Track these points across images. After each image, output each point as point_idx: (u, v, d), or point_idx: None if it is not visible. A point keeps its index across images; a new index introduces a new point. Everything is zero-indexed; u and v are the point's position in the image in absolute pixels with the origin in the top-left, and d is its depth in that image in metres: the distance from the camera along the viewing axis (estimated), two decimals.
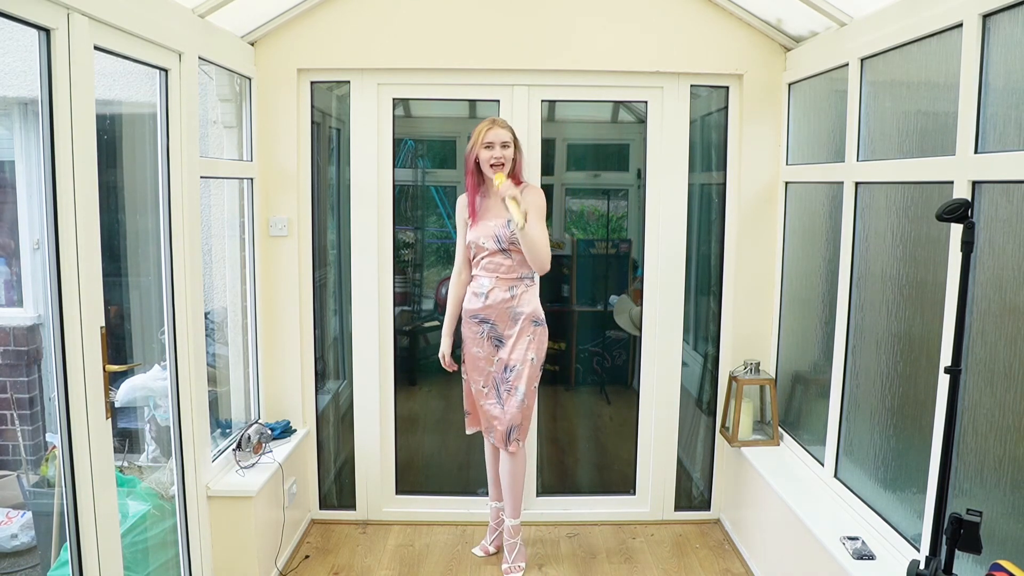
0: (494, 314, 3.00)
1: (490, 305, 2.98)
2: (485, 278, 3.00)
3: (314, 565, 3.20)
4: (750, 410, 3.34)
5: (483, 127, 2.95)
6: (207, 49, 2.74)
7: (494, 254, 2.97)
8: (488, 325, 3.01)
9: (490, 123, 2.96)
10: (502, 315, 2.99)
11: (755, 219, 3.39)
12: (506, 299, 2.98)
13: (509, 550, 3.14)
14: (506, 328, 3.01)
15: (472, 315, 3.04)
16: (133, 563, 2.51)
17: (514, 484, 3.10)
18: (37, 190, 2.04)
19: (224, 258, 3.38)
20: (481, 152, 2.93)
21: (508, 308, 2.99)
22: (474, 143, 2.95)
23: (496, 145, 2.91)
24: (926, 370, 2.25)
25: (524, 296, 3.00)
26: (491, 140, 2.91)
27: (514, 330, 3.00)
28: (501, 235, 2.94)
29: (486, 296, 2.98)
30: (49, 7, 1.89)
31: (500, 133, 2.92)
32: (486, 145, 2.92)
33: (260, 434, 3.09)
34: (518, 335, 2.99)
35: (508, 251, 2.96)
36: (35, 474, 3.10)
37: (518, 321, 2.99)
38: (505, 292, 2.98)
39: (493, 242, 2.96)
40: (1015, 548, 1.86)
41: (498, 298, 2.97)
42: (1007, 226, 1.90)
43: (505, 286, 2.98)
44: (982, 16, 1.97)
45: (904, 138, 2.40)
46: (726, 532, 3.52)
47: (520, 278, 3.00)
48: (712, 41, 3.27)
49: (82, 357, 2.02)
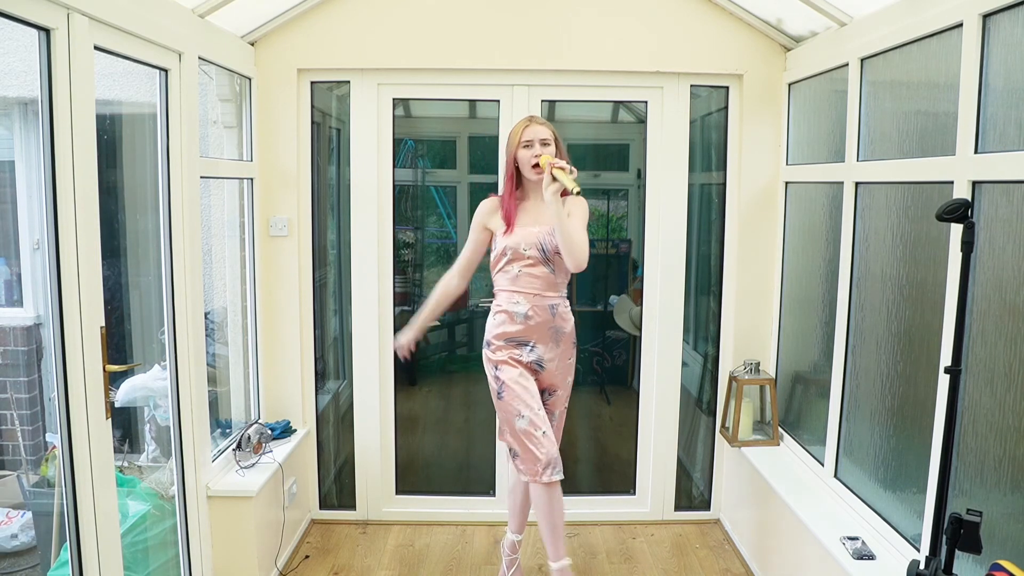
0: (535, 335, 2.68)
1: (533, 326, 2.67)
2: (521, 295, 2.66)
3: (314, 565, 3.20)
4: (750, 410, 3.34)
5: (520, 126, 2.69)
6: (207, 49, 2.74)
7: (535, 264, 2.65)
8: (527, 348, 2.70)
9: (527, 121, 2.70)
10: (543, 335, 2.69)
11: (755, 219, 3.39)
12: (548, 318, 2.68)
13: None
14: (547, 350, 2.71)
15: (508, 338, 2.69)
16: (133, 563, 2.51)
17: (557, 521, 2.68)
18: (37, 190, 2.04)
19: (224, 258, 3.38)
20: (520, 152, 2.66)
21: (551, 328, 2.69)
22: (512, 143, 2.69)
23: (536, 143, 2.64)
24: (926, 370, 2.25)
25: (565, 313, 2.74)
26: (530, 138, 2.65)
27: (556, 352, 2.72)
28: (547, 243, 2.64)
29: (525, 316, 2.66)
30: (49, 7, 1.89)
31: (539, 130, 2.66)
32: (525, 144, 2.65)
33: (260, 434, 3.09)
34: (560, 357, 2.74)
35: (551, 262, 2.66)
36: (35, 474, 3.10)
37: (560, 342, 2.73)
38: (547, 311, 2.68)
39: (537, 251, 2.65)
40: (1015, 548, 1.86)
41: (540, 317, 2.67)
42: (1007, 226, 1.90)
43: (546, 303, 2.68)
44: (982, 16, 1.97)
45: (904, 138, 2.40)
46: (726, 532, 3.52)
47: (559, 295, 2.72)
48: (712, 41, 3.27)
49: (82, 357, 2.02)
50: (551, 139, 2.67)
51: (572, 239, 2.55)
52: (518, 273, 2.67)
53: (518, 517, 2.98)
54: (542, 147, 2.64)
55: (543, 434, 2.63)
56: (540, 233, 2.65)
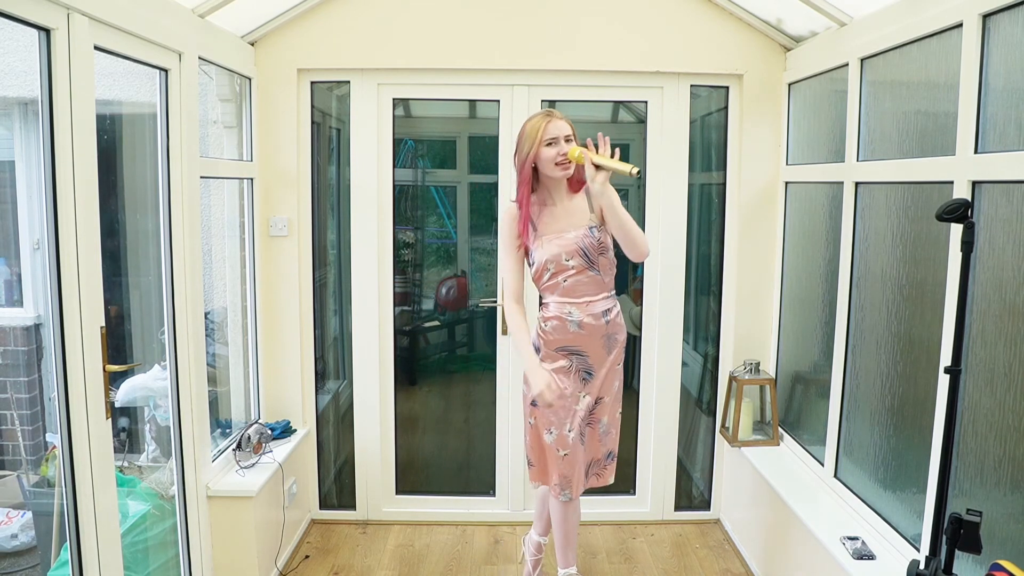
0: (587, 344, 2.51)
1: (585, 336, 2.49)
2: (573, 305, 2.47)
3: (314, 565, 3.20)
4: (750, 410, 3.34)
5: (539, 123, 2.42)
6: (207, 49, 2.74)
7: (580, 272, 2.47)
8: (578, 357, 2.52)
9: (546, 117, 2.44)
10: (596, 345, 2.51)
11: (755, 219, 3.39)
12: (602, 326, 2.49)
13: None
14: (598, 360, 2.53)
15: (560, 347, 2.51)
16: (133, 563, 2.51)
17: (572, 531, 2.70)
18: (37, 190, 2.04)
19: (224, 258, 3.38)
20: (543, 151, 2.41)
21: (604, 336, 2.51)
22: (532, 143, 2.42)
23: (560, 140, 2.41)
24: (926, 370, 2.25)
25: (619, 318, 2.56)
26: (554, 135, 2.41)
27: (608, 359, 2.55)
28: (588, 245, 2.45)
29: (579, 325, 2.48)
30: (49, 7, 1.89)
31: (561, 126, 2.42)
32: (548, 142, 2.41)
33: (260, 434, 3.09)
34: (611, 364, 2.56)
35: (595, 264, 2.48)
36: (35, 474, 3.10)
37: (612, 350, 2.55)
38: (600, 318, 2.49)
39: (580, 257, 2.46)
40: (1015, 548, 1.86)
41: (594, 324, 2.49)
42: (1007, 226, 1.90)
43: (599, 308, 2.49)
44: (982, 16, 1.97)
45: (904, 138, 2.40)
46: (726, 532, 3.52)
47: (609, 295, 2.54)
48: (712, 41, 3.27)
49: (82, 357, 2.02)
50: (572, 134, 2.45)
51: (632, 231, 2.38)
52: (565, 283, 2.49)
53: (544, 520, 2.92)
54: (567, 144, 2.42)
55: (564, 456, 2.54)
56: (577, 238, 2.46)
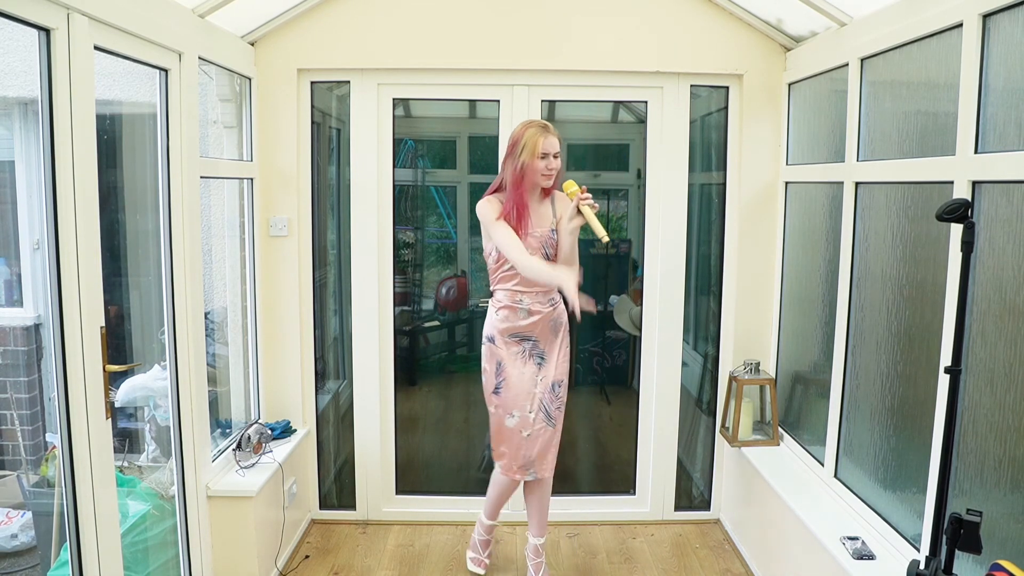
0: (538, 330, 2.82)
1: (534, 321, 2.80)
2: (525, 294, 2.79)
3: (314, 565, 3.20)
4: (750, 410, 3.34)
5: (537, 135, 2.70)
6: (207, 49, 2.74)
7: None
8: (531, 343, 2.84)
9: (543, 130, 2.71)
10: (545, 329, 2.83)
11: (755, 219, 3.39)
12: (549, 312, 2.82)
13: (536, 569, 3.01)
14: (548, 343, 2.85)
15: (513, 334, 2.83)
16: (133, 563, 2.51)
17: (545, 504, 3.00)
18: (37, 190, 2.04)
19: (224, 258, 3.38)
20: (537, 162, 2.70)
21: (551, 321, 2.83)
22: (527, 150, 2.69)
23: (551, 155, 2.72)
24: (926, 370, 2.25)
25: (560, 304, 2.86)
26: (547, 150, 2.71)
27: (556, 342, 2.86)
28: (548, 242, 2.78)
29: (528, 312, 2.79)
30: (49, 7, 1.89)
31: (555, 142, 2.73)
32: (543, 155, 2.71)
33: (260, 434, 3.09)
34: (560, 346, 2.86)
35: (551, 260, 2.78)
36: (35, 474, 3.10)
37: (559, 332, 2.86)
38: (547, 305, 2.82)
39: (541, 253, 2.77)
40: (1015, 548, 1.86)
41: (542, 312, 2.80)
42: (1007, 226, 1.90)
43: (546, 298, 2.82)
44: (982, 16, 1.97)
45: (904, 138, 2.40)
46: (726, 532, 3.52)
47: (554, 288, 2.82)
48: (712, 41, 3.27)
49: (82, 357, 2.02)
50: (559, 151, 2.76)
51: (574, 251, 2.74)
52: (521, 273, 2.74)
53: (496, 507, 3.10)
54: (555, 160, 2.73)
55: (527, 436, 2.83)
56: (543, 235, 2.77)
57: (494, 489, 3.05)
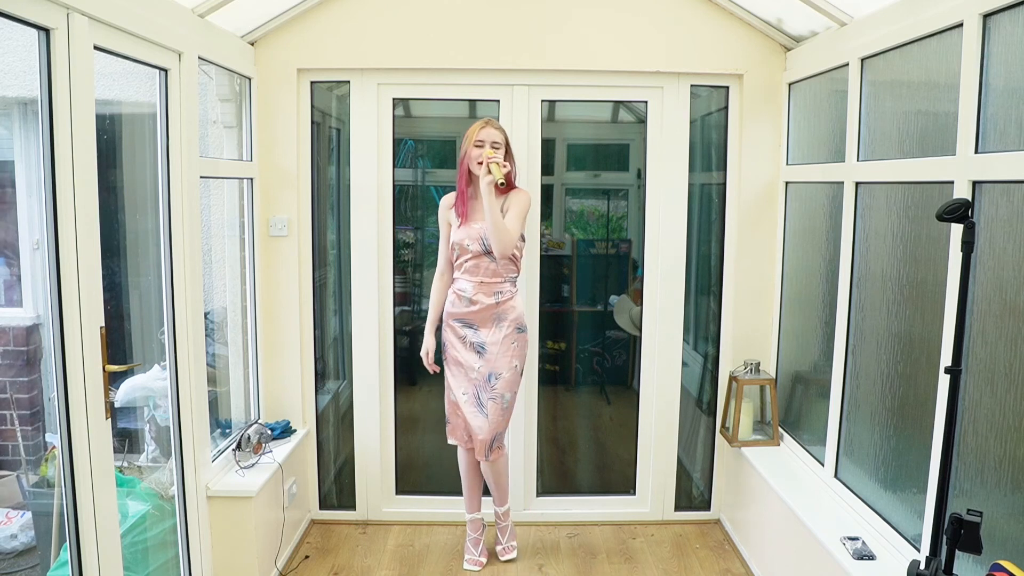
0: (478, 319, 2.99)
1: (475, 310, 2.98)
2: (468, 282, 2.99)
3: (314, 565, 3.20)
4: (750, 410, 3.34)
5: (476, 126, 2.96)
6: (207, 49, 2.74)
7: (478, 256, 2.96)
8: (471, 330, 3.01)
9: (484, 123, 2.97)
10: (486, 320, 2.99)
11: (755, 219, 3.39)
12: (491, 304, 2.98)
13: (502, 532, 3.24)
14: (489, 334, 3.00)
15: (456, 319, 3.02)
16: (133, 563, 2.51)
17: (500, 480, 3.16)
18: (37, 190, 2.04)
19: (224, 258, 3.37)
20: (472, 150, 2.94)
21: (493, 313, 2.99)
22: (468, 140, 2.96)
23: (487, 144, 2.92)
24: (926, 370, 2.25)
25: (509, 302, 3.01)
26: (482, 139, 2.93)
27: (498, 336, 2.99)
28: (486, 238, 2.94)
29: (470, 300, 2.98)
30: (49, 7, 1.89)
31: (492, 133, 2.94)
32: (477, 143, 2.93)
33: (260, 434, 3.09)
34: (503, 342, 2.99)
35: (492, 253, 2.95)
36: (35, 474, 3.10)
37: (502, 327, 2.99)
38: (490, 297, 2.98)
39: (478, 244, 2.95)
40: (1015, 548, 1.86)
41: (483, 302, 2.97)
42: (1007, 226, 1.89)
43: (489, 290, 2.98)
44: (982, 16, 1.97)
45: (904, 138, 2.40)
46: (726, 532, 3.52)
47: (503, 281, 3.00)
48: (712, 41, 3.27)
49: (82, 357, 2.02)
50: (502, 143, 2.96)
51: (496, 227, 2.87)
52: (465, 263, 2.99)
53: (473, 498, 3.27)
54: (492, 149, 2.90)
55: (460, 417, 3.07)
56: (481, 229, 2.95)
57: (461, 474, 3.24)
